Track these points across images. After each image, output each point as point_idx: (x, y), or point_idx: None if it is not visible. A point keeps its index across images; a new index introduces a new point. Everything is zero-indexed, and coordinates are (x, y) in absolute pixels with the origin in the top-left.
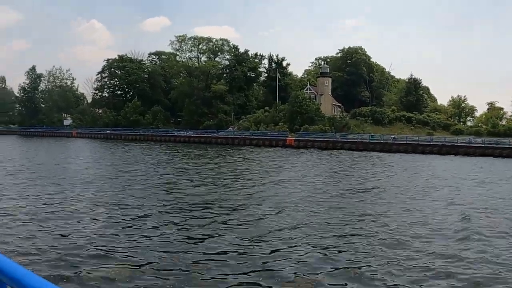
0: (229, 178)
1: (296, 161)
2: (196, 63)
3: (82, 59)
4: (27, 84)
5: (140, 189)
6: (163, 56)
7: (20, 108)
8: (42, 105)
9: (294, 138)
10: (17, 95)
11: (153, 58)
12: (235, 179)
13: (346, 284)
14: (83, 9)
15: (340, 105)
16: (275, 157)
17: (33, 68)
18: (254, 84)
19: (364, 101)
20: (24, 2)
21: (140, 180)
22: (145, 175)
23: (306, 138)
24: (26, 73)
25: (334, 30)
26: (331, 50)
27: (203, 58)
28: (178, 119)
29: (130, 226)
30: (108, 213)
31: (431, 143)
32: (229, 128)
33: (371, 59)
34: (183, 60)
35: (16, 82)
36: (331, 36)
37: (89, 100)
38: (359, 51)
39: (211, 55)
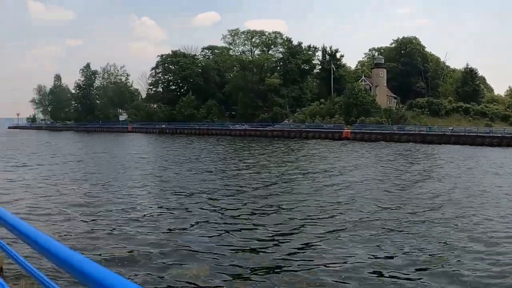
0: (302, 175)
1: (359, 155)
2: (250, 57)
3: (135, 55)
4: (82, 81)
5: (210, 185)
6: (216, 51)
7: (76, 104)
8: (97, 101)
9: (350, 131)
10: (73, 92)
11: (206, 52)
12: (310, 176)
13: None
14: (135, 7)
15: (396, 96)
16: (336, 150)
17: (87, 66)
18: (308, 77)
19: (419, 92)
20: (77, 1)
21: (208, 176)
22: (213, 171)
23: (362, 131)
24: (81, 71)
25: (386, 20)
26: (384, 40)
27: (257, 52)
28: (233, 113)
29: (206, 225)
30: (181, 211)
31: (491, 134)
32: (285, 121)
33: (426, 49)
34: (236, 54)
35: (71, 79)
36: (384, 26)
37: (144, 96)
38: (413, 41)
39: (264, 48)
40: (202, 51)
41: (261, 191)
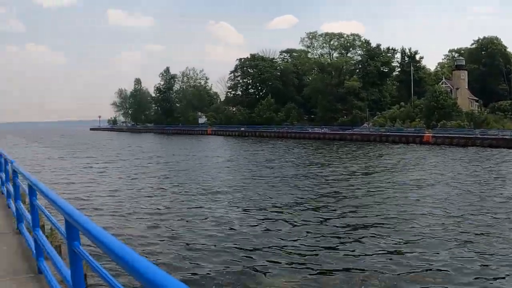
0: (393, 184)
1: (447, 162)
2: (328, 60)
3: (214, 59)
4: (162, 85)
5: (297, 191)
6: (294, 54)
7: (156, 107)
8: (177, 104)
9: (431, 135)
10: (153, 95)
11: (284, 55)
12: (402, 186)
13: None
14: (213, 12)
15: (477, 99)
16: (422, 155)
17: (167, 70)
18: (388, 79)
19: (501, 94)
20: (155, 7)
21: (295, 181)
22: (299, 177)
23: (444, 135)
24: (161, 75)
25: (466, 20)
26: (465, 41)
27: (335, 54)
28: (311, 116)
29: (295, 234)
30: (268, 218)
31: None
32: (364, 125)
33: (507, 49)
34: (315, 57)
35: (150, 83)
36: (464, 26)
37: (222, 99)
38: (494, 41)
39: (343, 51)
40: (280, 54)
41: (353, 201)
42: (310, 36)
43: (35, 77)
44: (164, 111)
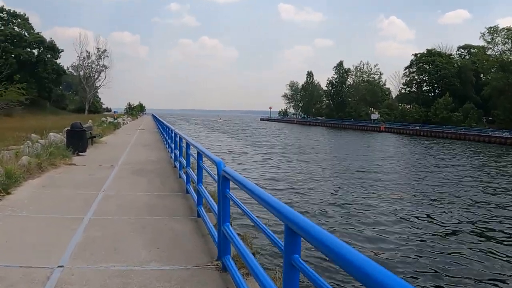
0: None
1: None
2: (511, 57)
3: (383, 54)
4: (335, 79)
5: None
6: (472, 50)
7: (327, 101)
8: (349, 99)
9: None
10: (324, 88)
11: (461, 51)
12: None
13: None
14: (382, 7)
15: None
16: None
17: (340, 63)
18: None
19: None
20: (325, 3)
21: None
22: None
23: None
24: (334, 68)
25: None
26: None
27: None
28: (490, 118)
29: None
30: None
31: None
32: None
33: None
34: (496, 53)
35: (319, 76)
36: None
37: (394, 95)
38: None
39: None
40: (457, 50)
41: None
42: (491, 31)
43: (209, 68)
44: (336, 105)
